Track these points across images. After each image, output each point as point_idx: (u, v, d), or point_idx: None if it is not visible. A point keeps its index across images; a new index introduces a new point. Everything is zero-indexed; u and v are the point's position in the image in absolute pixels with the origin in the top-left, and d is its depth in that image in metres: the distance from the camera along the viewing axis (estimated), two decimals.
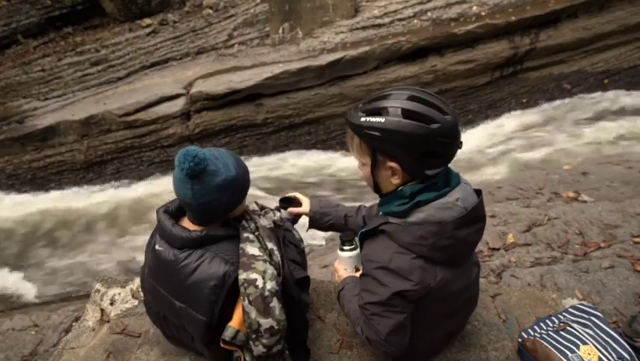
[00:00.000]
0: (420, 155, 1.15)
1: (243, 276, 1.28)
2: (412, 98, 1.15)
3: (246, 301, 1.27)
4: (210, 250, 1.33)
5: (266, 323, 1.28)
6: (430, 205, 1.19)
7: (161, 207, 1.46)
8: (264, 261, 1.33)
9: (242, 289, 1.28)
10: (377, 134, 1.15)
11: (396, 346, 1.33)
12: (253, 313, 1.28)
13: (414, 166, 1.18)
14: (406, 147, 1.14)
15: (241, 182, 1.35)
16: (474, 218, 1.23)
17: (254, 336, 1.30)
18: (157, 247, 1.38)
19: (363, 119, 1.17)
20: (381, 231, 1.25)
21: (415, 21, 7.10)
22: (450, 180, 1.25)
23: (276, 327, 1.30)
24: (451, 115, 1.15)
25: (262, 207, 1.61)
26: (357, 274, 1.48)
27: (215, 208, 1.34)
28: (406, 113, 1.13)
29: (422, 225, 1.19)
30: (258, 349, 1.32)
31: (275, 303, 1.30)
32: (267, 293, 1.28)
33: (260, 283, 1.28)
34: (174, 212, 1.43)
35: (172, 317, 1.43)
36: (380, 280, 1.24)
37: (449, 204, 1.20)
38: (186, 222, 1.40)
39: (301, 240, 1.72)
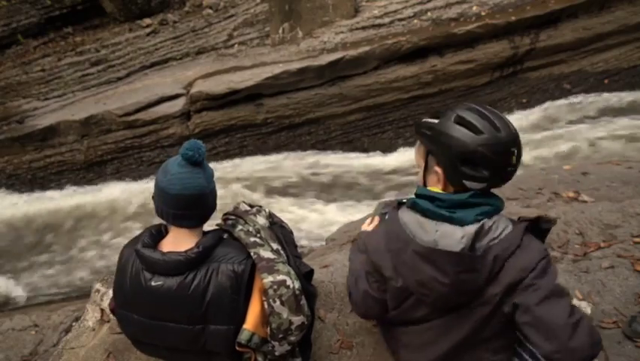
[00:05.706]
0: (460, 162, 1.16)
1: (269, 279, 1.29)
2: (470, 109, 1.20)
3: (277, 303, 1.28)
4: (213, 262, 1.30)
5: (298, 320, 1.31)
6: (418, 215, 1.20)
7: (134, 245, 1.34)
8: (283, 263, 1.36)
9: (271, 292, 1.28)
10: (428, 132, 1.24)
11: (354, 298, 1.44)
12: (285, 313, 1.29)
13: (452, 172, 1.19)
14: (448, 150, 1.18)
15: None
16: (439, 262, 1.14)
17: (281, 336, 1.30)
18: (153, 283, 1.29)
19: (424, 119, 1.28)
20: (393, 208, 1.36)
21: (415, 21, 7.10)
22: (467, 210, 1.16)
23: (306, 322, 1.34)
24: (504, 133, 1.14)
25: (251, 206, 1.62)
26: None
27: (215, 198, 1.37)
28: (457, 120, 1.18)
29: (401, 225, 1.22)
30: (283, 348, 1.33)
31: (304, 300, 1.34)
32: (297, 292, 1.31)
33: (290, 283, 1.30)
34: (149, 243, 1.34)
35: (185, 345, 1.36)
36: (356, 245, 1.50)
37: (428, 227, 1.17)
38: (167, 247, 1.34)
39: (291, 232, 1.75)
